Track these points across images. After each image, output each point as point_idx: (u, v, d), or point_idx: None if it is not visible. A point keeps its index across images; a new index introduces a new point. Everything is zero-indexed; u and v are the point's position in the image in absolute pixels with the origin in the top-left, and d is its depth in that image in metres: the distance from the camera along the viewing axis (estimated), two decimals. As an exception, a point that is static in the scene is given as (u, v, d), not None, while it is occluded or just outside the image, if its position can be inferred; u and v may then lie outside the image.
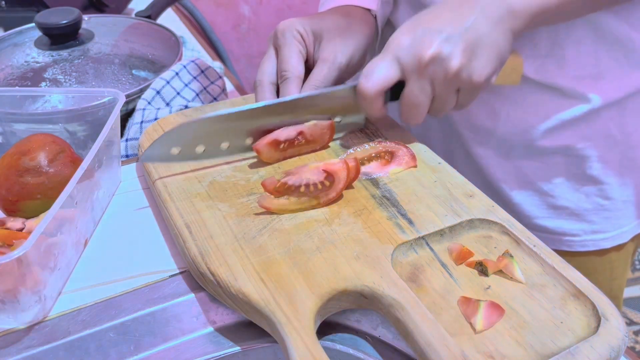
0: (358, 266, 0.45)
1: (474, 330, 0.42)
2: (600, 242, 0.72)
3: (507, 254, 0.47)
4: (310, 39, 0.60)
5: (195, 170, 0.57)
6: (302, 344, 0.39)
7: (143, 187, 0.61)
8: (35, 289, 0.44)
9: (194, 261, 0.47)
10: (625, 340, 0.41)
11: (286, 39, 0.59)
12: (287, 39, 0.59)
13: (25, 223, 0.51)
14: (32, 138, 0.54)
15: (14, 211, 0.53)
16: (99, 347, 0.46)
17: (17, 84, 0.72)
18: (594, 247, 0.72)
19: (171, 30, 0.84)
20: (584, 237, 0.72)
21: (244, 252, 0.47)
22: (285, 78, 0.58)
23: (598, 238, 0.72)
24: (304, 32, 0.60)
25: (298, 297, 0.43)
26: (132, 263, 0.52)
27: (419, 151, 0.59)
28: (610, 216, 0.71)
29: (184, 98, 0.71)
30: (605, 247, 0.72)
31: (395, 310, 0.42)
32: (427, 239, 0.49)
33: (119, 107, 0.56)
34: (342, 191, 0.52)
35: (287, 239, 0.48)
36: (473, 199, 0.52)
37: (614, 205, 0.70)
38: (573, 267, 0.46)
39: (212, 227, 0.50)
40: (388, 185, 0.54)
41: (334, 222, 0.50)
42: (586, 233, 0.72)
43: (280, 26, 0.60)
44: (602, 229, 0.71)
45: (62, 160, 0.53)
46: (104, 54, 0.77)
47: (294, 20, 0.60)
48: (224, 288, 0.45)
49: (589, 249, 0.72)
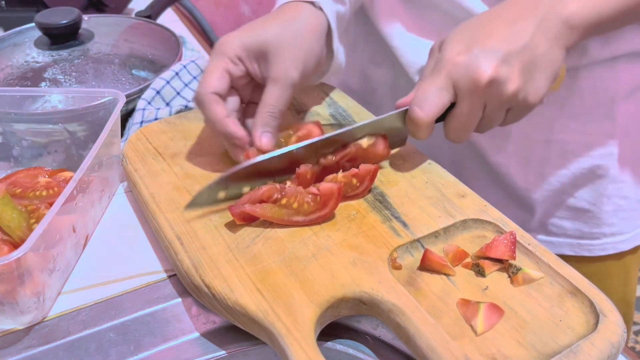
0: (355, 272, 0.45)
1: (475, 332, 0.42)
2: (619, 245, 0.72)
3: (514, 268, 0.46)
4: (251, 56, 0.56)
5: (183, 180, 0.55)
6: (304, 355, 0.39)
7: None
8: (35, 291, 0.44)
9: (187, 274, 0.46)
10: (624, 336, 0.41)
11: (216, 55, 0.55)
12: (216, 55, 0.55)
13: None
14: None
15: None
16: (99, 347, 0.46)
17: (17, 84, 0.72)
18: (614, 250, 0.72)
19: (171, 30, 0.84)
20: (604, 240, 0.71)
21: (239, 262, 0.46)
22: (197, 96, 0.55)
23: (617, 240, 0.71)
24: (241, 50, 0.55)
25: (297, 306, 0.42)
26: (132, 263, 0.52)
27: (407, 153, 0.58)
28: (627, 216, 0.71)
29: (184, 98, 0.71)
30: (623, 250, 0.72)
31: (395, 316, 0.42)
32: (422, 241, 0.49)
33: (119, 107, 0.56)
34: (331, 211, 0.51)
35: (282, 247, 0.48)
36: (465, 199, 0.52)
37: (629, 205, 0.70)
38: (568, 265, 0.46)
39: (204, 238, 0.49)
40: (380, 187, 0.54)
41: (327, 227, 0.50)
42: (606, 236, 0.71)
43: (218, 41, 0.56)
44: (620, 230, 0.71)
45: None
46: (104, 54, 0.77)
47: (233, 34, 0.56)
48: (219, 300, 0.44)
49: (609, 252, 0.72)
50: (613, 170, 0.68)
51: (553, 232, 0.72)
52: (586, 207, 0.70)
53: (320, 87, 0.70)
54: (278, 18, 0.57)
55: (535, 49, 0.50)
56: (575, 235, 0.72)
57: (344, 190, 0.52)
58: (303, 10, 0.58)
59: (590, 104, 0.65)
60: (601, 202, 0.69)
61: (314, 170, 0.53)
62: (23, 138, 0.62)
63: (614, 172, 0.68)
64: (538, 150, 0.68)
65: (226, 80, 0.55)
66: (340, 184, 0.51)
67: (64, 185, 0.51)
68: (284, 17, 0.58)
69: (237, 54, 0.55)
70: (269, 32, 0.56)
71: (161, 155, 0.59)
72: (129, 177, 0.58)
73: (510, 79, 0.49)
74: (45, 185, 0.53)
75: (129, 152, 0.60)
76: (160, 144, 0.61)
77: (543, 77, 0.51)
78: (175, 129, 0.63)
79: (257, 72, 0.57)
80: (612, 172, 0.68)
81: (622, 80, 0.64)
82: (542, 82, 0.51)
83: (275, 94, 0.55)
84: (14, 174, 0.55)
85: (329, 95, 0.69)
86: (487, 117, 0.53)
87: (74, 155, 0.62)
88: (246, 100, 0.60)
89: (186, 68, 0.74)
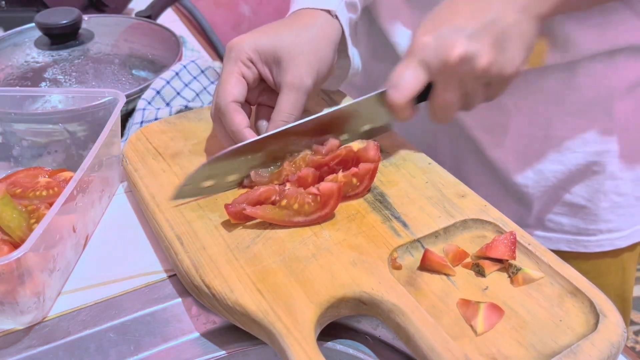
0: (355, 272, 0.45)
1: (475, 332, 0.42)
2: (615, 241, 0.72)
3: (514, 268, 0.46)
4: (263, 59, 0.56)
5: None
6: (304, 355, 0.39)
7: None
8: (35, 291, 0.44)
9: (187, 274, 0.46)
10: (624, 336, 0.41)
11: (229, 59, 0.55)
12: (230, 59, 0.55)
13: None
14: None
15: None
16: (99, 347, 0.46)
17: (17, 84, 0.72)
18: (610, 246, 0.72)
19: (171, 30, 0.84)
20: (600, 236, 0.72)
21: (239, 262, 0.46)
22: (217, 105, 0.55)
23: (613, 237, 0.72)
24: (253, 52, 0.55)
25: (297, 306, 0.42)
26: (132, 263, 0.52)
27: (407, 152, 0.58)
28: (625, 213, 0.71)
29: (184, 98, 0.71)
30: (620, 247, 0.72)
31: (396, 316, 0.42)
32: (422, 241, 0.49)
33: (119, 107, 0.56)
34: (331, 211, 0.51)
35: (282, 247, 0.48)
36: (465, 199, 0.52)
37: (626, 202, 0.70)
38: (568, 265, 0.46)
39: (204, 238, 0.49)
40: (380, 187, 0.54)
41: (328, 227, 0.50)
42: (602, 232, 0.71)
43: (229, 44, 0.56)
44: (617, 227, 0.71)
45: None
46: (104, 54, 0.77)
47: (246, 37, 0.56)
48: (219, 300, 0.44)
49: (605, 249, 0.72)
50: (610, 166, 0.68)
51: (550, 228, 0.73)
52: (582, 203, 0.70)
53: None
54: (293, 24, 0.58)
55: (503, 20, 0.50)
56: (572, 231, 0.72)
57: (344, 190, 0.52)
58: (318, 17, 0.59)
59: (588, 100, 0.65)
60: (597, 198, 0.70)
61: (315, 174, 0.53)
62: (23, 138, 0.62)
63: (611, 168, 0.68)
64: (536, 146, 0.69)
65: (243, 86, 0.55)
66: (340, 183, 0.51)
67: (64, 185, 0.51)
68: (298, 23, 0.58)
69: (249, 57, 0.55)
70: (283, 37, 0.56)
71: (161, 155, 0.59)
72: (129, 177, 0.58)
73: (480, 54, 0.50)
74: (45, 185, 0.53)
75: (129, 152, 0.60)
76: (160, 144, 0.61)
77: (516, 48, 0.51)
78: (175, 129, 0.63)
79: (269, 76, 0.57)
80: (609, 169, 0.68)
81: (620, 76, 0.64)
82: (515, 53, 0.51)
83: (290, 101, 0.55)
84: (14, 174, 0.55)
85: (329, 96, 0.69)
86: (466, 94, 0.53)
87: (74, 155, 0.62)
88: (255, 102, 0.60)
89: (186, 68, 0.74)
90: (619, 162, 0.68)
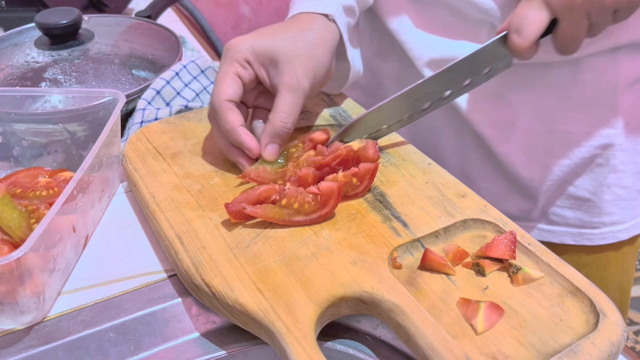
0: (355, 271, 0.45)
1: (475, 331, 0.42)
2: (618, 234, 0.73)
3: (514, 267, 0.46)
4: (259, 61, 0.56)
5: (183, 179, 0.56)
6: (304, 354, 0.39)
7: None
8: (35, 291, 0.44)
9: (187, 273, 0.46)
10: (624, 335, 0.41)
11: (225, 59, 0.56)
12: (226, 59, 0.56)
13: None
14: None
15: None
16: (99, 347, 0.46)
17: (17, 84, 0.72)
18: (613, 239, 0.73)
19: (171, 30, 0.84)
20: (604, 229, 0.72)
21: (239, 261, 0.46)
22: (212, 104, 0.55)
23: (616, 230, 0.72)
24: (250, 53, 0.55)
25: (297, 305, 0.42)
26: (132, 263, 0.52)
27: (407, 153, 0.58)
28: (627, 206, 0.71)
29: (184, 98, 0.71)
30: (622, 239, 0.73)
31: (396, 315, 0.42)
32: (422, 241, 0.49)
33: (119, 107, 0.56)
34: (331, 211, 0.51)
35: (282, 247, 0.48)
36: (465, 198, 0.52)
37: (629, 195, 0.71)
38: (568, 264, 0.46)
39: (204, 237, 0.49)
40: (380, 187, 0.54)
41: (328, 227, 0.50)
42: (606, 225, 0.72)
43: (226, 45, 0.57)
44: (619, 220, 0.72)
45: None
46: (104, 54, 0.77)
47: (243, 39, 0.56)
48: (219, 299, 0.44)
49: (608, 241, 0.73)
50: (613, 160, 0.69)
51: (555, 222, 0.73)
52: (587, 197, 0.71)
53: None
54: (290, 28, 0.58)
55: None
56: (576, 225, 0.73)
57: (344, 190, 0.52)
58: (316, 21, 0.59)
59: (592, 95, 0.66)
60: (601, 191, 0.70)
61: (315, 174, 0.53)
62: (23, 138, 0.62)
63: (614, 161, 0.69)
64: (542, 140, 0.69)
65: (238, 86, 0.55)
66: (340, 182, 0.51)
67: (64, 185, 0.51)
68: (297, 27, 0.58)
69: (246, 58, 0.55)
70: (280, 41, 0.56)
71: (161, 155, 0.59)
72: (129, 177, 0.58)
73: None
74: (45, 185, 0.53)
75: (129, 152, 0.60)
76: (161, 144, 0.61)
77: None
78: (175, 129, 0.63)
79: (266, 78, 0.57)
80: (613, 162, 0.69)
81: (623, 71, 0.65)
82: None
83: (288, 102, 0.55)
84: (14, 174, 0.56)
85: (329, 96, 0.69)
86: (594, 24, 0.53)
87: (74, 155, 0.62)
88: (252, 105, 0.60)
89: (186, 68, 0.74)
90: (621, 155, 0.69)
